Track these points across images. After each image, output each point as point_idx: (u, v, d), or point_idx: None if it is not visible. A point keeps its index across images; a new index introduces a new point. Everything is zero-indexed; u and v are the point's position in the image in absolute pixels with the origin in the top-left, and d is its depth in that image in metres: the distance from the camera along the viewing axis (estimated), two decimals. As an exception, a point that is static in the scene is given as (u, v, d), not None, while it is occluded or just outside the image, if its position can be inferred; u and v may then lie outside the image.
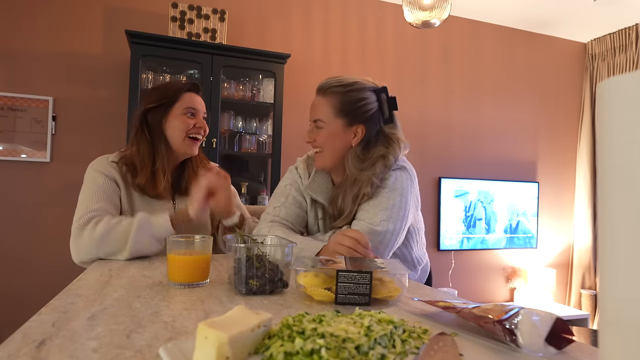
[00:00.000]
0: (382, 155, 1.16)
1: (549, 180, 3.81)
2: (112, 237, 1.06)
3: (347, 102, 1.15)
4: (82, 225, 1.07)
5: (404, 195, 1.14)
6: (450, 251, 3.45)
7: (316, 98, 1.20)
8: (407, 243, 1.25)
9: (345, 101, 1.15)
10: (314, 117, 1.19)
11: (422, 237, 1.33)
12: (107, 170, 1.19)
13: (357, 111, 1.16)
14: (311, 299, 0.72)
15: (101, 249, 1.05)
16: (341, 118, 1.16)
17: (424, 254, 1.34)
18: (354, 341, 0.43)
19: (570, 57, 3.90)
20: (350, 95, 1.16)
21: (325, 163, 1.19)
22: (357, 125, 1.16)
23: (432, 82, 3.44)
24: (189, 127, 1.25)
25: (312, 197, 1.23)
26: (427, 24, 1.96)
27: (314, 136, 1.19)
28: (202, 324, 0.43)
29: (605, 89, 0.28)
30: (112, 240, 1.06)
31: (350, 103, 1.15)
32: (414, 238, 1.27)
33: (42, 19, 2.57)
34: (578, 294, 3.74)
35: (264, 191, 2.77)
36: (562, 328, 0.50)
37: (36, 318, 0.57)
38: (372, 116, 1.17)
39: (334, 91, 1.16)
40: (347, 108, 1.15)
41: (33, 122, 2.54)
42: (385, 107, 1.19)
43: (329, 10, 3.16)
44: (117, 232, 1.06)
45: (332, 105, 1.16)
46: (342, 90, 1.16)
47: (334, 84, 1.17)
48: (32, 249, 2.54)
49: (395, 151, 1.17)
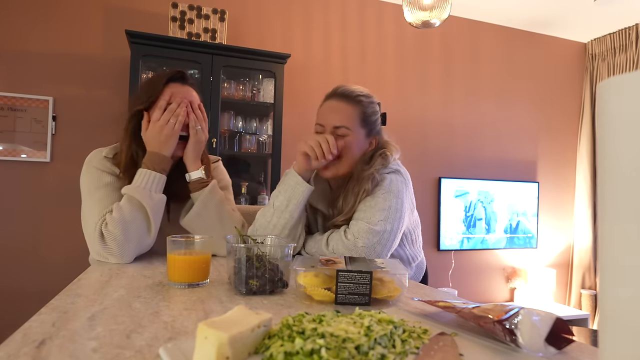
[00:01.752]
0: (380, 154, 1.19)
1: (549, 180, 3.81)
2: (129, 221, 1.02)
3: (369, 113, 1.18)
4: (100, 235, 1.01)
5: (400, 197, 1.16)
6: (450, 251, 3.45)
7: (337, 103, 1.17)
8: (401, 242, 1.27)
9: (369, 112, 1.18)
10: (338, 123, 1.14)
11: (418, 236, 1.34)
12: (108, 167, 1.13)
13: (375, 123, 1.20)
14: (311, 299, 0.72)
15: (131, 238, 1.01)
16: (363, 128, 1.18)
17: (419, 252, 1.36)
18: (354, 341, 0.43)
19: (570, 57, 3.90)
20: (372, 106, 1.20)
21: (339, 171, 1.17)
22: (372, 137, 1.20)
23: (432, 82, 3.44)
24: None
25: (314, 205, 1.24)
26: (427, 24, 1.96)
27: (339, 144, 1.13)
28: (202, 324, 0.43)
29: (605, 89, 0.28)
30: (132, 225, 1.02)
31: (372, 114, 1.19)
32: (407, 238, 1.29)
33: (42, 19, 2.58)
34: (578, 294, 3.74)
35: (264, 191, 2.77)
36: (562, 328, 0.50)
37: (36, 318, 0.57)
38: (380, 128, 1.23)
39: (360, 100, 1.17)
40: (369, 119, 1.18)
41: (33, 122, 2.54)
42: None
43: (329, 11, 3.16)
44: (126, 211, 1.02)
45: (358, 114, 1.16)
46: (366, 100, 1.18)
47: (360, 93, 1.18)
48: (32, 249, 2.54)
49: (391, 150, 1.22)
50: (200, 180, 1.17)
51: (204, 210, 1.15)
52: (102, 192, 1.08)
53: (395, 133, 1.33)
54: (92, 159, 1.14)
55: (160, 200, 1.09)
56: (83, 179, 1.12)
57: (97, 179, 1.10)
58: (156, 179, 1.08)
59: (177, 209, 1.20)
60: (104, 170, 1.12)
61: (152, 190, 1.07)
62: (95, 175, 1.11)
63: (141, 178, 1.07)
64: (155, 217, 1.07)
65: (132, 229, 1.03)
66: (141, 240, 1.05)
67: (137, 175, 1.08)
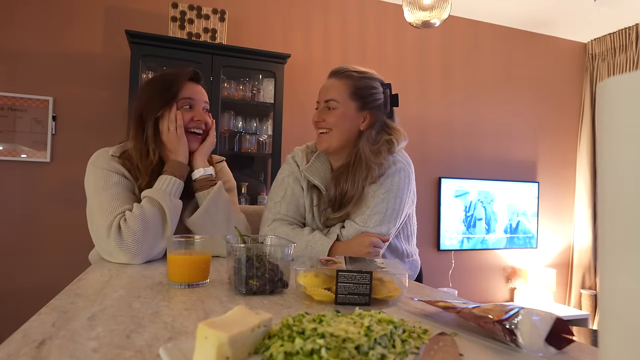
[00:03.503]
0: (387, 141, 1.21)
1: (549, 180, 3.81)
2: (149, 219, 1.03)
3: (361, 87, 1.21)
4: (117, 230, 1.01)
5: (399, 196, 1.17)
6: (450, 251, 3.45)
7: (329, 80, 1.24)
8: (398, 235, 1.27)
9: (360, 86, 1.21)
10: (328, 97, 1.21)
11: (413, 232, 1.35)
12: (115, 167, 1.11)
13: (368, 97, 1.21)
14: (311, 299, 0.72)
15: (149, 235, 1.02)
16: (354, 101, 1.20)
17: (415, 250, 1.36)
18: (354, 341, 0.43)
19: (570, 57, 3.90)
20: (364, 81, 1.22)
21: (331, 143, 1.21)
22: (366, 111, 1.21)
23: (432, 82, 3.44)
24: (187, 122, 1.16)
25: (310, 180, 1.24)
26: (427, 24, 1.96)
27: (324, 116, 1.21)
28: (202, 324, 0.43)
29: (605, 89, 0.28)
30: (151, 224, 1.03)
31: (364, 89, 1.21)
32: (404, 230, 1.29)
33: (42, 19, 2.58)
34: (578, 294, 3.74)
35: (264, 191, 2.77)
36: (562, 328, 0.50)
37: (36, 318, 0.57)
38: (379, 105, 1.23)
39: (350, 75, 1.21)
40: (360, 92, 1.20)
41: (33, 122, 2.54)
42: (388, 102, 1.26)
43: (329, 11, 3.16)
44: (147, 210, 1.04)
45: (347, 87, 1.20)
46: (357, 75, 1.22)
47: (350, 69, 1.23)
48: (32, 249, 2.54)
49: (398, 137, 1.23)
50: (209, 178, 1.18)
51: (213, 208, 1.14)
52: (113, 190, 1.07)
53: (395, 133, 1.33)
54: (98, 158, 1.13)
55: (178, 205, 1.11)
56: (89, 179, 1.11)
57: (105, 178, 1.09)
58: (176, 184, 1.11)
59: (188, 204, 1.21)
60: (111, 170, 1.10)
61: (172, 195, 1.09)
62: (102, 174, 1.09)
63: (163, 183, 1.09)
64: (172, 221, 1.08)
65: (151, 227, 1.03)
66: (156, 242, 1.05)
67: (158, 181, 1.10)
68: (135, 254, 1.01)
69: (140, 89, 1.22)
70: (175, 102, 1.15)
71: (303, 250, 1.11)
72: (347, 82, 1.20)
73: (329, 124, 1.20)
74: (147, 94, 1.16)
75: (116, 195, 1.06)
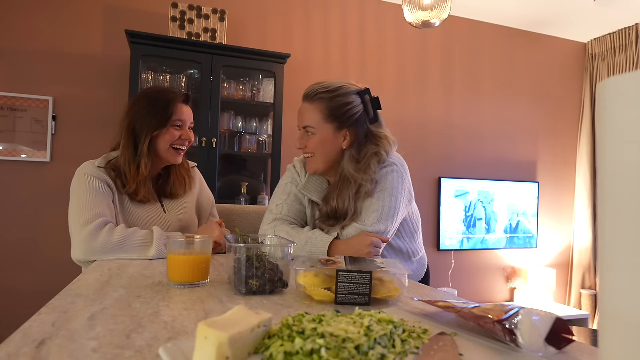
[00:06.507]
0: (374, 153, 1.20)
1: (549, 180, 3.81)
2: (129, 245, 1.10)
3: (334, 107, 1.19)
4: (96, 229, 1.09)
5: (394, 194, 1.18)
6: (450, 251, 3.45)
7: (303, 105, 1.23)
8: (400, 234, 1.29)
9: (333, 107, 1.19)
10: (304, 124, 1.21)
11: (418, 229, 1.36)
12: (99, 174, 1.21)
13: (344, 115, 1.19)
14: (311, 299, 0.72)
15: (114, 254, 1.09)
16: (330, 123, 1.19)
17: (420, 247, 1.37)
18: (354, 341, 0.43)
19: (570, 57, 3.90)
20: (337, 100, 1.19)
21: (317, 167, 1.23)
22: (345, 130, 1.20)
23: (432, 82, 3.44)
24: (175, 139, 1.28)
25: (308, 197, 1.27)
26: (427, 24, 1.96)
27: (305, 142, 1.22)
28: (202, 324, 0.43)
29: (605, 89, 0.28)
30: (128, 248, 1.10)
31: (338, 108, 1.19)
32: (405, 229, 1.30)
33: (42, 19, 2.58)
34: (578, 294, 3.74)
35: (264, 191, 2.76)
36: (562, 328, 0.50)
37: (36, 318, 0.57)
38: (358, 119, 1.21)
39: (321, 97, 1.19)
40: (335, 113, 1.18)
41: (33, 122, 2.54)
42: (369, 107, 1.23)
43: (329, 10, 3.16)
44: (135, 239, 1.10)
45: (320, 111, 1.19)
46: (328, 96, 1.19)
47: (320, 90, 1.20)
48: (32, 249, 2.54)
49: (385, 146, 1.22)
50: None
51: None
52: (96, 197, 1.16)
53: (395, 133, 1.32)
54: (84, 167, 1.23)
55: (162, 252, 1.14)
56: (73, 184, 1.21)
57: (87, 182, 1.19)
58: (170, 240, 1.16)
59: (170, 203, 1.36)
60: (95, 177, 1.20)
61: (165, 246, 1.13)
62: (86, 179, 1.19)
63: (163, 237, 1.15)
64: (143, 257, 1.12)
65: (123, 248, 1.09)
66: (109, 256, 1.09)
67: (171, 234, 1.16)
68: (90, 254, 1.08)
69: (134, 103, 1.30)
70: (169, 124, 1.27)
71: (303, 246, 1.13)
72: (320, 105, 1.19)
73: (311, 149, 1.21)
74: (143, 111, 1.26)
75: (95, 198, 1.16)
